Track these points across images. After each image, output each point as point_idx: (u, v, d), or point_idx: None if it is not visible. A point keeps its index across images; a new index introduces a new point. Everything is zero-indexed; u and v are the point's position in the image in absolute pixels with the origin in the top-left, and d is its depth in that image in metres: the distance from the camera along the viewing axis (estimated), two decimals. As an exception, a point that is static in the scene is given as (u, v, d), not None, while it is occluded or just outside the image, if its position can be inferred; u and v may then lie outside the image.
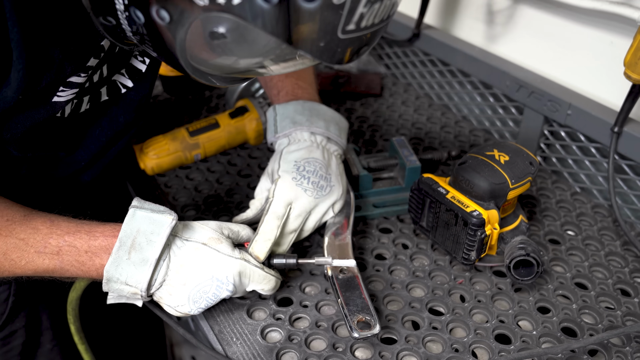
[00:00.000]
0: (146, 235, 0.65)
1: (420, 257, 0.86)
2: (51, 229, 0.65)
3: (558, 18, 1.03)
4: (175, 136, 1.01)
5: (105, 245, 0.65)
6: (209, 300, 0.69)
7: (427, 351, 0.71)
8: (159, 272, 0.66)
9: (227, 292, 0.69)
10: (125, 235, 0.65)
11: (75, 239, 0.65)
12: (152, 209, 0.67)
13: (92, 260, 0.65)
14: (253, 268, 0.71)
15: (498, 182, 0.77)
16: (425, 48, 1.27)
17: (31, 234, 0.65)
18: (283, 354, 0.71)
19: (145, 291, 0.66)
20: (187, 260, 0.67)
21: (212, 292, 0.69)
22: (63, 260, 0.65)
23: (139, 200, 0.68)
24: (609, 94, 0.98)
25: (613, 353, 0.71)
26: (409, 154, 0.94)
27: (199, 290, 0.68)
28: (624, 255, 0.87)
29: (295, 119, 0.86)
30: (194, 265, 0.68)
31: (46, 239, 0.65)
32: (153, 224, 0.66)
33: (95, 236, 0.66)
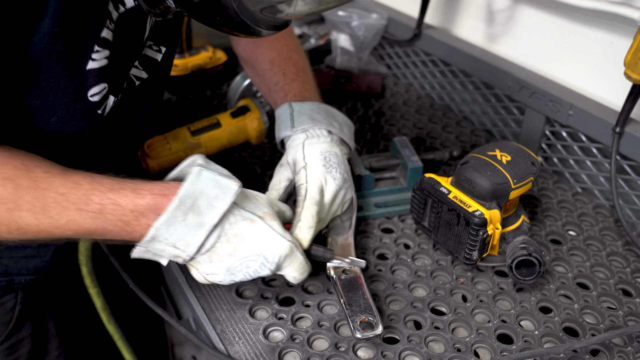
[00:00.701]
0: (209, 199, 0.62)
1: (422, 257, 0.86)
2: (93, 185, 0.60)
3: (558, 18, 1.03)
4: (177, 136, 1.01)
5: (154, 205, 0.61)
6: (247, 275, 0.67)
7: (429, 351, 0.71)
8: (210, 239, 0.63)
9: (267, 272, 0.67)
10: (187, 195, 0.61)
11: (119, 196, 0.60)
12: (219, 172, 0.64)
13: (137, 220, 0.61)
14: (298, 254, 0.69)
15: (500, 182, 0.77)
16: (427, 48, 1.27)
17: (72, 189, 0.59)
18: (285, 353, 0.71)
19: (191, 256, 0.63)
20: (241, 230, 0.65)
21: (253, 269, 0.67)
22: (106, 219, 0.60)
23: (204, 159, 0.65)
24: (609, 94, 0.98)
25: (615, 353, 0.72)
26: (410, 154, 0.94)
27: (242, 263, 0.66)
28: (625, 256, 0.87)
29: (313, 116, 0.85)
30: (247, 238, 0.65)
31: (88, 195, 0.59)
32: (219, 187, 0.62)
33: (141, 194, 0.61)
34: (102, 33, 0.63)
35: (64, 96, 0.64)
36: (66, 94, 0.64)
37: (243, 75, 1.14)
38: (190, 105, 1.24)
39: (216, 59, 1.28)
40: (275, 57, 0.94)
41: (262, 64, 0.95)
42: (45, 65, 0.60)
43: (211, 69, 1.28)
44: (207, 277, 0.67)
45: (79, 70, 0.63)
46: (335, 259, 0.75)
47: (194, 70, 1.25)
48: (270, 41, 0.95)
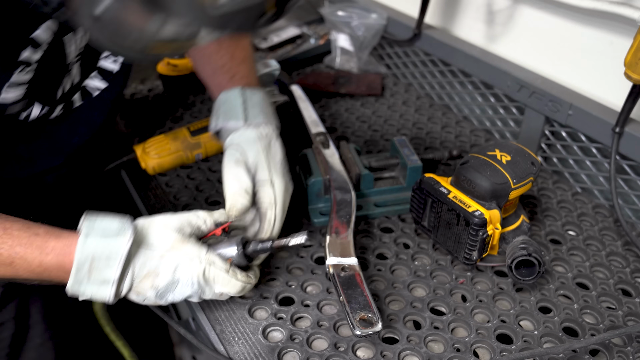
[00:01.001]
0: (102, 260, 0.64)
1: (421, 257, 0.86)
2: (3, 238, 0.64)
3: (558, 18, 1.03)
4: (177, 136, 1.01)
5: (57, 264, 0.65)
6: (175, 296, 0.69)
7: (428, 351, 0.71)
8: (125, 284, 0.67)
9: (189, 292, 0.69)
10: (81, 261, 0.64)
11: (26, 252, 0.64)
12: (104, 233, 0.65)
13: (47, 272, 0.65)
14: (217, 272, 0.69)
15: (500, 182, 0.77)
16: (426, 48, 1.27)
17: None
18: (285, 353, 0.71)
19: (113, 299, 0.66)
20: (152, 268, 0.67)
21: (178, 292, 0.69)
22: (17, 270, 0.64)
23: (90, 219, 0.67)
24: (609, 94, 0.98)
25: (614, 353, 0.72)
26: (410, 154, 0.94)
27: (165, 290, 0.69)
28: (625, 256, 0.87)
29: (264, 110, 0.84)
30: (160, 272, 0.68)
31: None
32: (108, 248, 0.65)
33: (46, 252, 0.65)
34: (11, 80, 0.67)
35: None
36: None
37: (243, 75, 1.14)
38: (189, 105, 1.24)
39: (216, 59, 1.28)
40: (224, 40, 0.91)
41: (209, 46, 0.92)
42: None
43: (211, 68, 1.28)
44: (143, 302, 0.70)
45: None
46: (276, 243, 0.73)
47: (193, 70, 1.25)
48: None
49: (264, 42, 1.39)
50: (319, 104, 1.25)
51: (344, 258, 0.76)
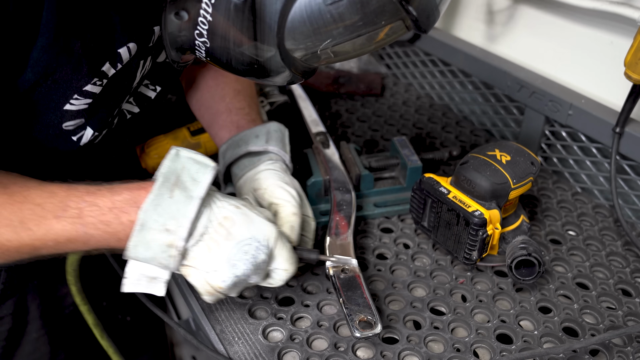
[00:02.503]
0: (191, 174, 0.60)
1: (421, 257, 0.86)
2: (69, 192, 0.59)
3: (558, 18, 1.03)
4: (177, 136, 1.01)
5: (132, 199, 0.59)
6: (247, 264, 0.63)
7: (428, 351, 0.71)
8: (200, 220, 0.61)
9: (263, 256, 0.64)
10: (170, 172, 0.59)
11: (96, 197, 0.59)
12: (195, 153, 0.63)
13: (118, 218, 0.58)
14: (285, 242, 0.67)
15: (500, 182, 0.77)
16: (426, 48, 1.27)
17: (48, 198, 0.58)
18: (285, 353, 0.71)
19: (185, 240, 0.59)
20: (230, 213, 0.63)
21: (251, 254, 0.63)
22: (86, 223, 0.58)
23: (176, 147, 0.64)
24: (609, 94, 0.98)
25: (614, 353, 0.71)
26: (410, 154, 0.94)
27: (239, 249, 0.62)
28: (625, 256, 0.87)
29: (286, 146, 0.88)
30: (238, 220, 0.63)
31: (65, 202, 0.58)
32: (198, 164, 0.61)
33: (118, 192, 0.60)
34: (85, 87, 0.65)
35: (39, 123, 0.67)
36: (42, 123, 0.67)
37: (243, 75, 1.14)
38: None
39: (216, 59, 1.28)
40: (241, 90, 0.94)
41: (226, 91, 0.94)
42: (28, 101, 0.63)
43: (211, 69, 1.28)
44: (209, 279, 0.63)
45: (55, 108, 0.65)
46: (321, 258, 0.74)
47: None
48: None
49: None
50: (319, 103, 1.25)
51: (344, 258, 0.76)
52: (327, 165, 0.92)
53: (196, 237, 0.61)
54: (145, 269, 0.61)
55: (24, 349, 0.91)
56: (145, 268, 0.61)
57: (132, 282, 0.62)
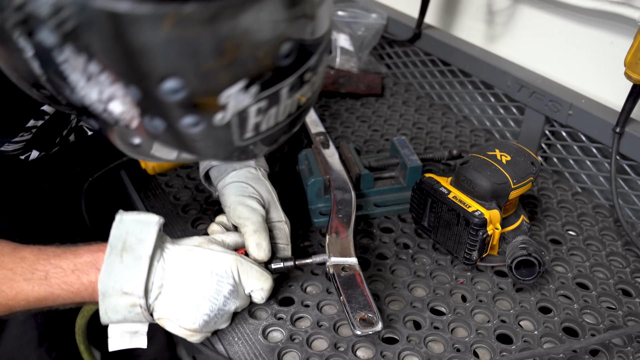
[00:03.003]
0: (135, 235, 0.64)
1: (421, 257, 0.86)
2: (38, 255, 0.65)
3: (558, 18, 1.03)
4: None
5: (91, 261, 0.64)
6: (213, 301, 0.66)
7: (428, 351, 0.71)
8: (155, 274, 0.64)
9: (229, 287, 0.67)
10: (115, 239, 0.64)
11: (61, 260, 0.64)
12: (139, 214, 0.67)
13: (80, 279, 0.64)
14: (249, 264, 0.70)
15: (500, 182, 0.77)
16: (426, 48, 1.27)
17: (19, 263, 0.64)
18: (285, 353, 0.71)
19: (144, 298, 0.63)
20: (182, 260, 0.66)
21: (213, 290, 0.66)
22: (51, 284, 0.64)
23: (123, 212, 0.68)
24: (609, 94, 0.98)
25: (615, 353, 0.71)
26: (409, 154, 0.94)
27: (200, 289, 0.66)
28: (625, 256, 0.87)
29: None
30: (191, 264, 0.66)
31: (33, 265, 0.64)
32: (140, 223, 0.65)
33: (80, 254, 0.65)
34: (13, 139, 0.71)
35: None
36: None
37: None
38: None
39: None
40: None
41: None
42: None
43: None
44: (182, 324, 0.66)
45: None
46: (298, 262, 0.75)
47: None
48: None
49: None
50: (319, 103, 1.25)
51: (344, 258, 0.76)
52: (326, 165, 0.92)
53: (155, 291, 0.65)
54: (125, 326, 0.66)
55: (10, 332, 0.92)
56: (124, 326, 0.66)
57: (116, 340, 0.67)
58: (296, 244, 0.87)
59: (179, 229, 0.90)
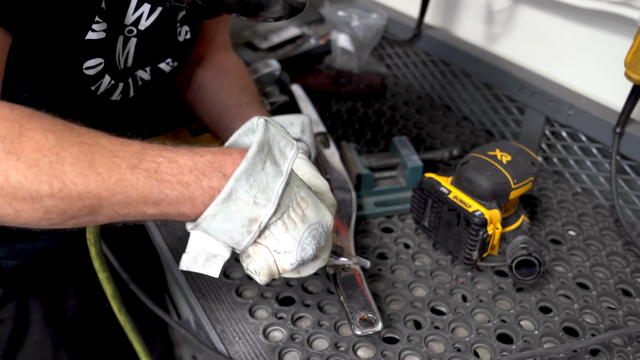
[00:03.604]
0: (280, 148, 0.56)
1: (422, 257, 0.86)
2: (144, 145, 0.52)
3: (558, 18, 1.03)
4: (177, 135, 1.02)
5: (216, 163, 0.53)
6: (313, 249, 0.60)
7: (429, 350, 0.71)
8: (284, 199, 0.56)
9: (323, 242, 0.62)
10: (264, 142, 0.54)
11: (176, 155, 0.52)
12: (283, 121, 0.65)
13: (199, 181, 0.52)
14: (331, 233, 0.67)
15: (500, 182, 0.77)
16: (426, 48, 1.27)
17: (121, 146, 0.51)
18: (285, 353, 0.71)
19: (270, 216, 0.55)
20: (306, 194, 0.60)
21: (317, 239, 0.61)
22: (162, 180, 0.51)
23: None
24: (609, 94, 0.98)
25: (615, 353, 0.72)
26: (410, 154, 0.95)
27: (309, 233, 0.60)
28: (625, 256, 0.87)
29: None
30: (311, 202, 0.61)
31: (140, 153, 0.51)
32: (285, 138, 0.57)
33: (200, 153, 0.53)
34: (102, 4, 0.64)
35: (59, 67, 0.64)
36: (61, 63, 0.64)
37: (243, 75, 1.14)
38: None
39: (216, 59, 1.28)
40: (246, 87, 0.94)
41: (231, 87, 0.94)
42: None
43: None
44: (278, 260, 0.59)
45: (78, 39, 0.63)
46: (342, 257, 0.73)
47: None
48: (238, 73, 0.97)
49: (264, 42, 1.40)
50: (319, 103, 1.25)
51: (344, 258, 0.76)
52: (327, 165, 0.92)
53: (278, 214, 0.56)
54: (209, 244, 0.58)
55: (26, 350, 0.91)
56: (208, 243, 0.58)
57: (191, 258, 0.58)
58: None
59: (179, 229, 0.90)
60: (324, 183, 0.76)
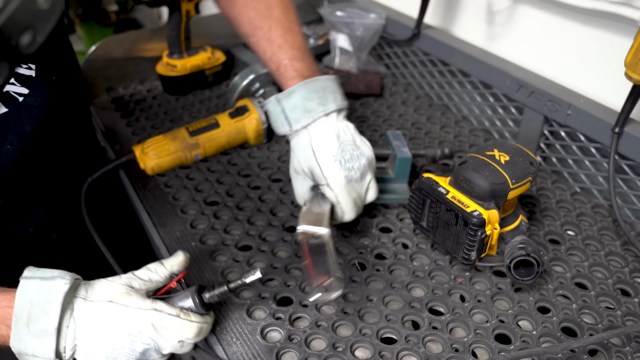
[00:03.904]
0: (40, 305, 0.62)
1: (420, 257, 0.86)
2: None
3: (558, 18, 1.03)
4: (176, 136, 1.01)
5: (2, 316, 0.63)
6: (128, 356, 0.65)
7: (427, 351, 0.71)
8: (66, 339, 0.63)
9: (144, 346, 0.64)
10: (20, 309, 0.62)
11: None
12: (44, 277, 0.64)
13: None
14: (167, 317, 0.65)
15: (498, 182, 0.77)
16: (425, 48, 1.27)
17: None
18: (283, 353, 0.71)
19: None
20: (93, 321, 0.64)
21: (128, 348, 0.64)
22: None
23: (31, 270, 0.65)
24: (608, 94, 0.98)
25: (613, 353, 0.71)
26: (401, 145, 0.95)
27: (114, 348, 0.64)
28: (623, 255, 0.87)
29: (306, 107, 0.82)
30: (103, 325, 0.64)
31: None
32: (45, 292, 0.62)
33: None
34: None
35: None
36: None
37: (242, 76, 1.14)
38: (188, 105, 1.24)
39: (215, 60, 1.28)
40: (254, 18, 0.87)
41: (243, 27, 0.89)
42: None
43: (210, 69, 1.28)
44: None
45: None
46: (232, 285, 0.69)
47: (192, 70, 1.25)
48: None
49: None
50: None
51: (315, 227, 0.73)
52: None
53: (69, 352, 0.64)
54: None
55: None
56: None
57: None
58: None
59: (177, 230, 0.90)
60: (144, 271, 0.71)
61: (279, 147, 1.10)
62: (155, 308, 0.65)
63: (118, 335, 0.64)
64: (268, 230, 0.90)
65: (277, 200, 0.96)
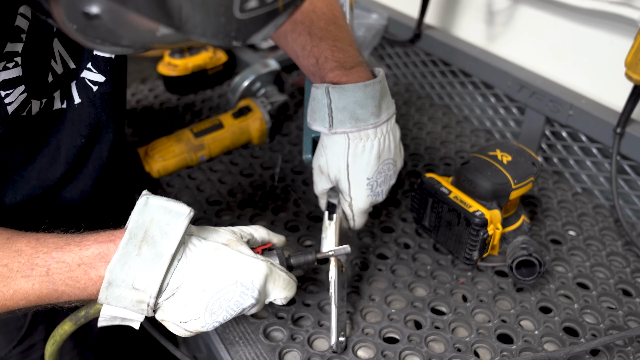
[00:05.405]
0: (160, 227, 0.56)
1: (422, 257, 0.86)
2: (36, 248, 0.57)
3: (558, 18, 1.03)
4: (180, 138, 1.02)
5: (100, 254, 0.57)
6: (230, 311, 0.60)
7: (429, 350, 0.71)
8: (173, 274, 0.58)
9: (251, 300, 0.61)
10: (137, 226, 0.56)
11: (64, 253, 0.57)
12: (167, 200, 0.59)
13: (87, 274, 0.57)
14: (279, 272, 0.63)
15: (501, 183, 0.77)
16: (427, 48, 1.27)
17: (14, 258, 0.57)
18: (286, 353, 0.71)
19: (155, 297, 0.57)
20: (207, 261, 0.59)
21: (234, 300, 0.60)
22: (54, 280, 0.57)
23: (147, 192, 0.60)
24: (609, 94, 0.98)
25: (615, 353, 0.72)
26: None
27: (220, 297, 0.59)
28: (625, 256, 0.87)
29: (356, 114, 0.71)
30: (216, 267, 0.59)
31: (32, 260, 0.57)
32: (169, 213, 0.57)
33: (86, 246, 0.57)
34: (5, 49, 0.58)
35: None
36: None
37: (243, 75, 1.14)
38: (190, 105, 1.24)
39: (217, 59, 1.29)
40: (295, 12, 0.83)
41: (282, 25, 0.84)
42: None
43: (212, 69, 1.28)
44: (187, 327, 0.61)
45: None
46: (319, 256, 0.69)
47: (194, 70, 1.25)
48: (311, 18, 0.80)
49: (264, 42, 1.40)
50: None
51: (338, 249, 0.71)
52: None
53: (169, 292, 0.59)
54: (120, 312, 0.60)
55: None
56: (120, 312, 0.60)
57: (107, 320, 0.61)
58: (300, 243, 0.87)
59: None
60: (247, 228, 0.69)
61: (281, 147, 1.10)
62: (269, 260, 0.62)
63: (229, 284, 0.59)
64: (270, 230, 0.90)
65: (280, 200, 0.97)
